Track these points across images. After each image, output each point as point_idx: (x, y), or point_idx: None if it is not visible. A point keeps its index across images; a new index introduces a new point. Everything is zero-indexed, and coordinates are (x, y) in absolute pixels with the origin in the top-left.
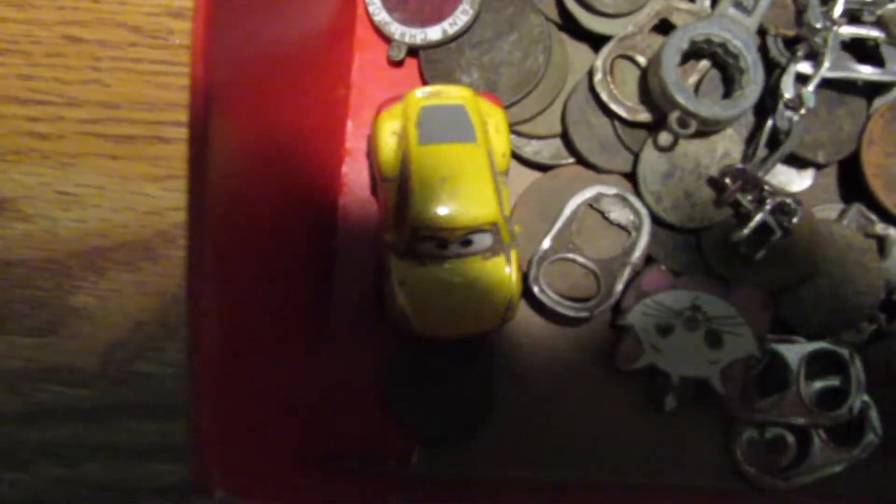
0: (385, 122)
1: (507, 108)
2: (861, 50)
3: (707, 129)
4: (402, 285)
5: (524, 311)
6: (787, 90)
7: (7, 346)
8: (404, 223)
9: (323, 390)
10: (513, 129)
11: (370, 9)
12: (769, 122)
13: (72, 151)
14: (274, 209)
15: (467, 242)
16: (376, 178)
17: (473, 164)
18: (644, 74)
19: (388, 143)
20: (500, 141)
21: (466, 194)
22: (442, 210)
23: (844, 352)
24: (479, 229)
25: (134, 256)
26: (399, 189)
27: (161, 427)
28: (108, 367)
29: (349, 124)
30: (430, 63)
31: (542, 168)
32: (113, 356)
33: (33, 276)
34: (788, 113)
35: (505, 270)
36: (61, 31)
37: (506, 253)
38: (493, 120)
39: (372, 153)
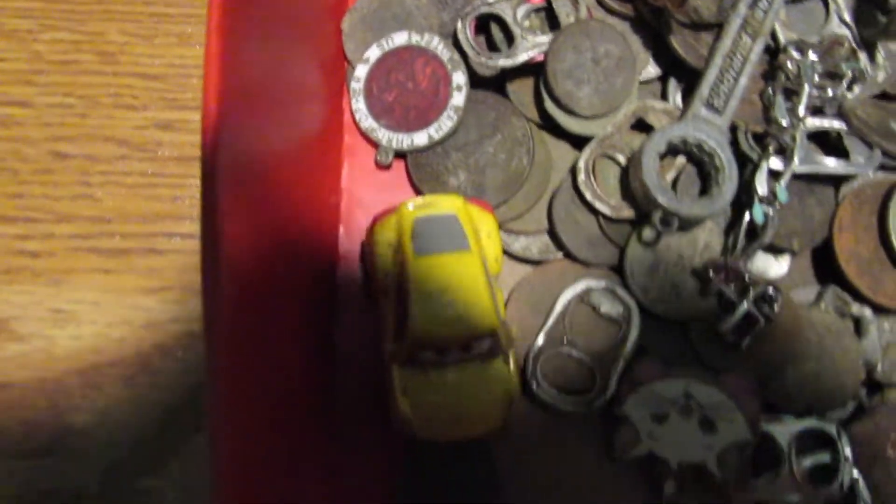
0: (380, 234)
1: (495, 207)
2: (826, 140)
3: (688, 223)
4: (405, 394)
5: (522, 407)
6: (761, 187)
7: (4, 469)
8: (405, 335)
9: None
10: (502, 226)
11: (357, 116)
12: (745, 217)
13: (64, 268)
14: (277, 313)
15: (467, 348)
16: (373, 288)
17: (469, 273)
18: (625, 172)
19: (384, 256)
20: (493, 246)
21: (465, 305)
22: (442, 323)
23: (831, 428)
24: (478, 337)
25: (131, 371)
26: (398, 300)
27: None
28: (108, 486)
29: (341, 229)
30: (417, 166)
31: (532, 262)
32: (113, 475)
33: (30, 397)
34: (763, 207)
35: (505, 370)
36: (48, 148)
37: (504, 354)
38: (484, 226)
39: (368, 265)
